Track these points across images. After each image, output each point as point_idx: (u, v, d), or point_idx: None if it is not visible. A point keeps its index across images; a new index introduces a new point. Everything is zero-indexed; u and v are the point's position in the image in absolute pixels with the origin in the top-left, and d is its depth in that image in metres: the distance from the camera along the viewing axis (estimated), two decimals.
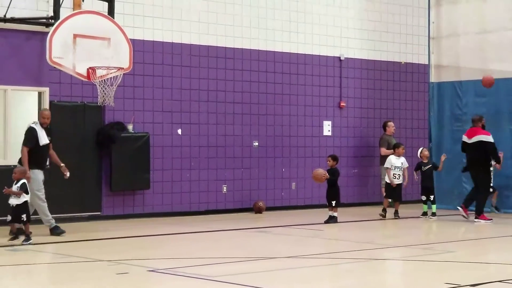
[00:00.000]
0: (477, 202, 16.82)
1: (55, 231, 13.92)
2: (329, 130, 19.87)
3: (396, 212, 17.33)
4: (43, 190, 13.88)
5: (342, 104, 20.05)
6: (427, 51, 20.11)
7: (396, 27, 21.12)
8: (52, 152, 14.27)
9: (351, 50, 20.27)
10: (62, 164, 14.27)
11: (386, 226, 16.66)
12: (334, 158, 16.63)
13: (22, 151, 13.73)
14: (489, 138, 16.81)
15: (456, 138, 19.14)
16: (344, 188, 19.93)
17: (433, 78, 19.75)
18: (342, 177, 19.83)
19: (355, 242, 13.64)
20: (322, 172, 16.32)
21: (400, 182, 17.44)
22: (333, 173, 16.41)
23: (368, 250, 12.62)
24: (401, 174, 17.44)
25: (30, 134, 13.84)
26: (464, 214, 16.80)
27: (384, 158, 19.75)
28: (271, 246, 13.21)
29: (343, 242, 13.76)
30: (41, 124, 13.97)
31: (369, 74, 20.61)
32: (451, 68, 19.45)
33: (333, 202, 16.29)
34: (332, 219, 16.22)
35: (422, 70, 21.16)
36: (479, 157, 16.80)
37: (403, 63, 21.22)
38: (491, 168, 17.32)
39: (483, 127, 17.18)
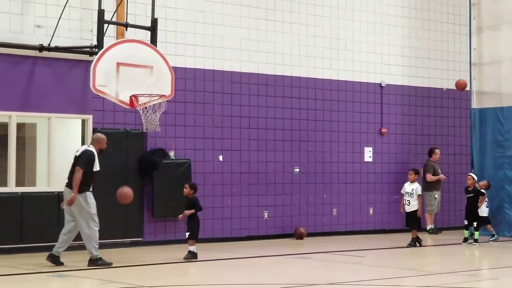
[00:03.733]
0: None
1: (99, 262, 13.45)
2: (370, 156, 19.84)
3: (412, 240, 16.75)
4: None
5: (383, 130, 20.02)
6: (469, 77, 20.03)
7: (437, 53, 21.08)
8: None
9: (392, 76, 20.25)
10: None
11: (428, 253, 16.54)
12: (192, 187, 14.63)
13: (78, 172, 13.22)
14: None
15: (498, 164, 19.00)
16: (386, 214, 19.89)
17: (475, 104, 19.66)
18: (384, 203, 19.84)
19: (397, 269, 13.57)
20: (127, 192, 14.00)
21: (412, 210, 16.81)
22: (194, 203, 14.52)
23: (411, 277, 12.54)
24: (411, 200, 16.83)
25: (92, 157, 13.46)
26: None
27: (429, 184, 19.67)
28: (312, 272, 13.19)
29: (385, 269, 13.68)
30: (98, 150, 13.65)
31: (410, 100, 20.57)
32: (493, 94, 19.34)
33: (187, 234, 14.48)
34: (190, 254, 14.34)
35: (464, 96, 21.05)
36: None
37: (444, 89, 21.15)
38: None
39: None
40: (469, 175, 17.87)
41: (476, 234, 17.37)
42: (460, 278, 12.40)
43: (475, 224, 17.32)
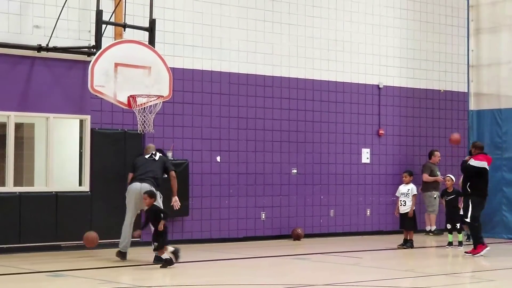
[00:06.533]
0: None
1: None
2: (367, 158, 19.85)
3: (405, 241, 16.80)
4: None
5: (380, 132, 20.04)
6: (466, 79, 20.04)
7: (435, 55, 21.10)
8: None
9: (390, 78, 20.26)
10: None
11: (427, 254, 16.54)
12: (151, 195, 13.63)
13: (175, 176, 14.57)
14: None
15: (495, 166, 19.00)
16: (383, 215, 19.89)
17: (473, 106, 19.68)
18: (381, 204, 19.85)
19: (395, 270, 13.57)
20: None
21: (407, 211, 16.83)
22: (160, 212, 13.60)
23: (409, 279, 12.55)
24: (407, 200, 16.87)
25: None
26: None
27: (428, 184, 19.69)
28: (309, 273, 13.19)
29: (383, 270, 13.68)
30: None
31: (408, 102, 20.58)
32: (490, 96, 19.37)
33: (155, 244, 13.50)
34: (168, 262, 13.32)
35: (462, 98, 21.08)
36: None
37: (442, 91, 21.17)
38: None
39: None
40: (448, 176, 17.60)
41: (460, 236, 17.16)
42: (459, 280, 12.41)
43: (457, 226, 17.07)
